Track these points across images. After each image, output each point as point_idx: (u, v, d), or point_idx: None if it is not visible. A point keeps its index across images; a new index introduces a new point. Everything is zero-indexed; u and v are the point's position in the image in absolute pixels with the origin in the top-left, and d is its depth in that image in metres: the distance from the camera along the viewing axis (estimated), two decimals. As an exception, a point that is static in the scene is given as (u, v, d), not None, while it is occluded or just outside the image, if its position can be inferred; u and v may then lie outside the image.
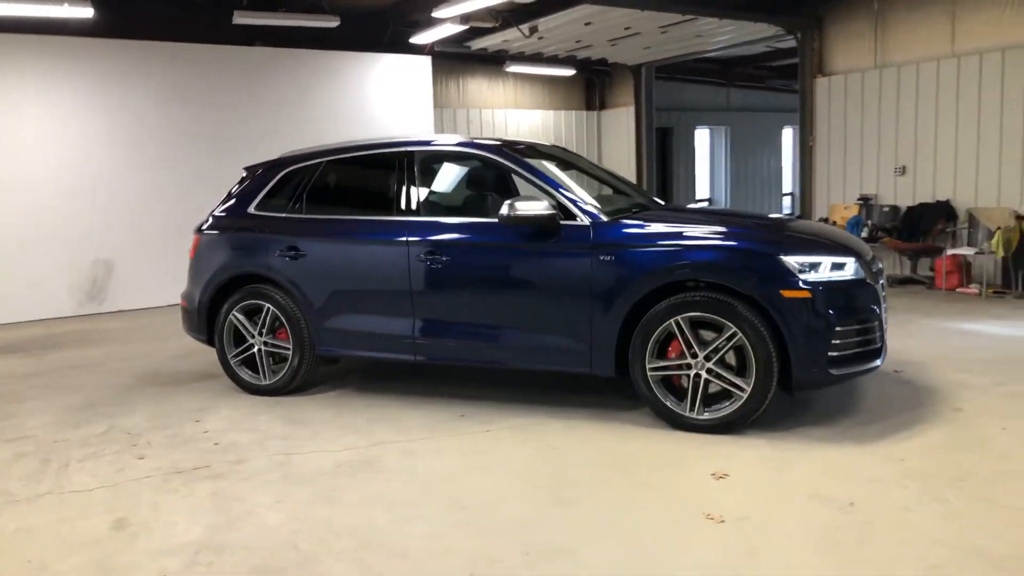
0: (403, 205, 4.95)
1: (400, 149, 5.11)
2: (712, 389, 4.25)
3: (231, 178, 10.88)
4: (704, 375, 4.19)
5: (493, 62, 12.69)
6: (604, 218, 4.46)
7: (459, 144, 5.21)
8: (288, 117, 10.34)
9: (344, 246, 5.08)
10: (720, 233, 4.30)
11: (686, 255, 4.22)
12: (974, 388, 4.86)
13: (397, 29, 10.80)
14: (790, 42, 11.22)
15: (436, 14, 8.79)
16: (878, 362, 4.28)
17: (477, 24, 9.77)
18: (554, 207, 4.45)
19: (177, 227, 9.56)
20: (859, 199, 10.09)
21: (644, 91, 13.28)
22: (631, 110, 13.51)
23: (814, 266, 4.10)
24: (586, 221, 4.46)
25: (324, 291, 5.09)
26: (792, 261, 4.07)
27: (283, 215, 5.31)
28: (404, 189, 4.98)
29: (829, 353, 4.03)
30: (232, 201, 5.60)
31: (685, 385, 4.30)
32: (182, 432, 4.67)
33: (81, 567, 3.05)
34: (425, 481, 3.77)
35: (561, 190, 4.58)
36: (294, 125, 10.35)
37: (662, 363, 4.29)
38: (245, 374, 5.43)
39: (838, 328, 4.03)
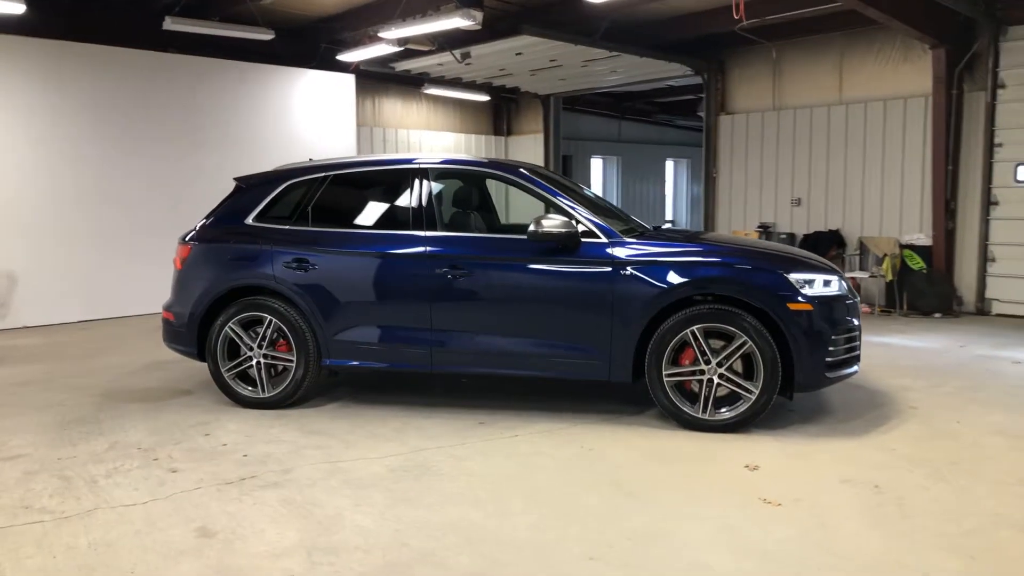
0: (420, 220, 5.12)
1: (416, 165, 5.28)
2: (719, 392, 4.71)
3: (143, 189, 10.64)
4: (716, 380, 4.66)
5: (410, 83, 12.88)
6: (620, 236, 4.86)
7: (480, 164, 5.46)
8: (212, 127, 10.06)
9: (358, 259, 5.16)
10: (729, 252, 4.81)
11: (705, 271, 4.68)
12: (917, 390, 5.64)
13: (324, 46, 10.80)
14: (686, 81, 12.21)
15: (384, 35, 8.92)
16: (858, 367, 4.92)
17: (415, 47, 9.98)
18: (574, 225, 4.80)
19: (85, 237, 9.09)
20: (759, 227, 11.12)
21: (553, 120, 13.93)
22: (540, 137, 14.10)
23: (809, 282, 4.67)
24: (604, 239, 4.84)
25: (335, 303, 5.15)
26: (794, 278, 4.63)
27: (288, 227, 5.32)
28: (421, 204, 5.15)
29: (826, 359, 4.61)
30: (225, 212, 5.53)
31: (695, 390, 4.74)
32: (199, 446, 4.57)
33: (199, 571, 3.03)
34: (494, 481, 3.96)
35: (579, 209, 4.94)
36: (220, 135, 10.09)
37: (677, 370, 4.71)
38: (241, 387, 5.36)
39: (833, 336, 4.62)
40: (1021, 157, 8.72)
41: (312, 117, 11.06)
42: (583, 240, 4.82)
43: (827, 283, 4.75)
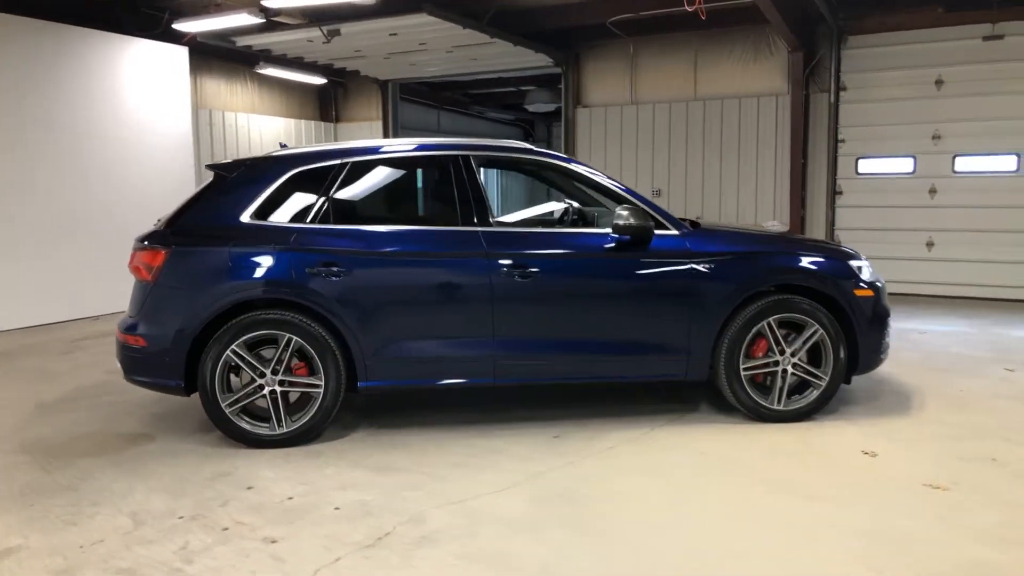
0: (471, 213, 4.51)
1: (453, 152, 4.63)
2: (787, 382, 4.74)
3: None
4: (790, 370, 4.68)
5: (237, 61, 11.45)
6: (689, 228, 4.69)
7: (526, 151, 4.90)
8: (23, 96, 8.11)
9: (403, 260, 4.43)
10: (793, 243, 4.84)
11: (781, 262, 4.67)
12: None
13: (150, 13, 9.20)
14: (541, 72, 12.26)
15: (266, 2, 7.78)
16: (888, 351, 5.21)
17: (284, 20, 8.86)
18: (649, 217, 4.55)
19: None
20: (621, 217, 11.48)
21: (392, 107, 13.21)
22: (376, 125, 13.31)
23: (861, 269, 4.86)
24: (675, 231, 4.63)
25: (375, 314, 4.37)
26: (854, 265, 4.79)
27: (308, 225, 4.40)
28: (468, 196, 4.54)
29: (883, 340, 4.83)
30: (209, 207, 4.45)
31: (764, 382, 4.74)
32: (261, 502, 3.64)
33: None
34: (666, 500, 3.61)
35: (646, 201, 4.67)
36: (33, 106, 8.18)
37: (754, 362, 4.66)
38: (249, 424, 4.36)
39: (886, 320, 4.85)
40: (861, 152, 9.92)
41: (140, 95, 9.36)
42: (655, 233, 4.58)
43: (871, 269, 4.97)
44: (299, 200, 4.51)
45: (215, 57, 11.27)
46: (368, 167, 4.62)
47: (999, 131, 9.13)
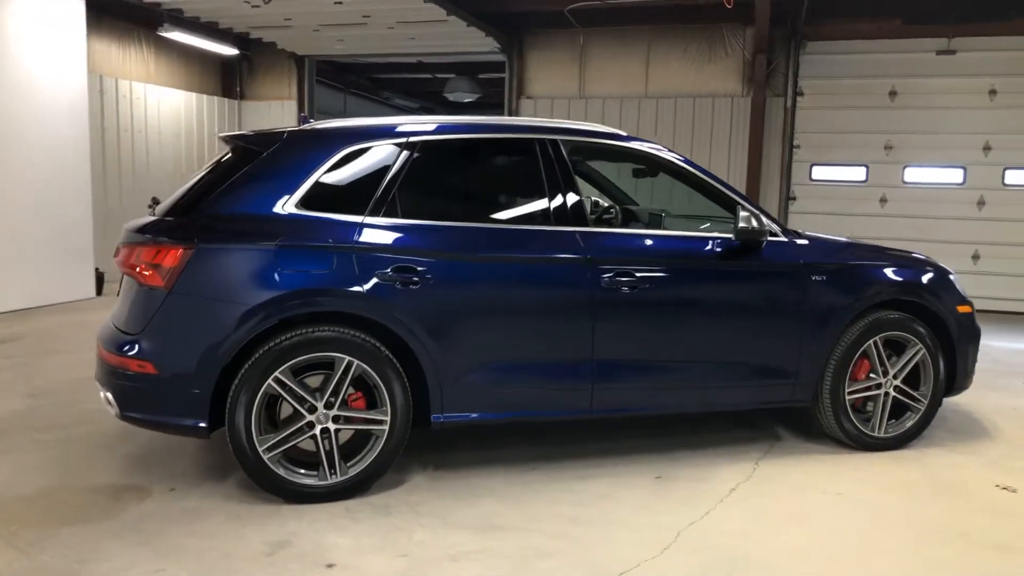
0: (565, 212, 3.74)
1: (540, 136, 3.83)
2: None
3: None
4: (892, 393, 4.26)
5: (134, 20, 9.88)
6: (795, 234, 4.16)
7: (616, 136, 4.12)
8: None
9: (492, 266, 3.59)
10: (895, 255, 4.42)
11: (894, 275, 4.23)
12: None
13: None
14: (485, 58, 11.48)
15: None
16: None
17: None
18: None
19: None
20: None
21: (308, 86, 11.95)
22: (289, 106, 11.99)
23: (957, 283, 4.50)
24: (784, 238, 4.09)
25: (459, 332, 3.52)
26: (953, 279, 4.44)
27: (371, 220, 3.47)
28: (561, 190, 3.76)
29: (975, 361, 4.51)
30: (240, 191, 3.42)
31: (861, 407, 4.29)
32: (362, 589, 2.73)
33: None
34: (848, 557, 3.02)
35: (750, 203, 4.09)
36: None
37: (857, 385, 4.20)
38: (291, 472, 3.38)
39: (979, 338, 4.54)
40: (816, 158, 9.89)
41: (27, 53, 7.74)
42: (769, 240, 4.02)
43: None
44: (355, 187, 3.57)
45: (108, 14, 9.65)
46: (441, 148, 3.73)
47: (947, 144, 9.35)
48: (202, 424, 3.27)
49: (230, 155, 3.69)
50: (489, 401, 3.63)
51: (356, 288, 3.36)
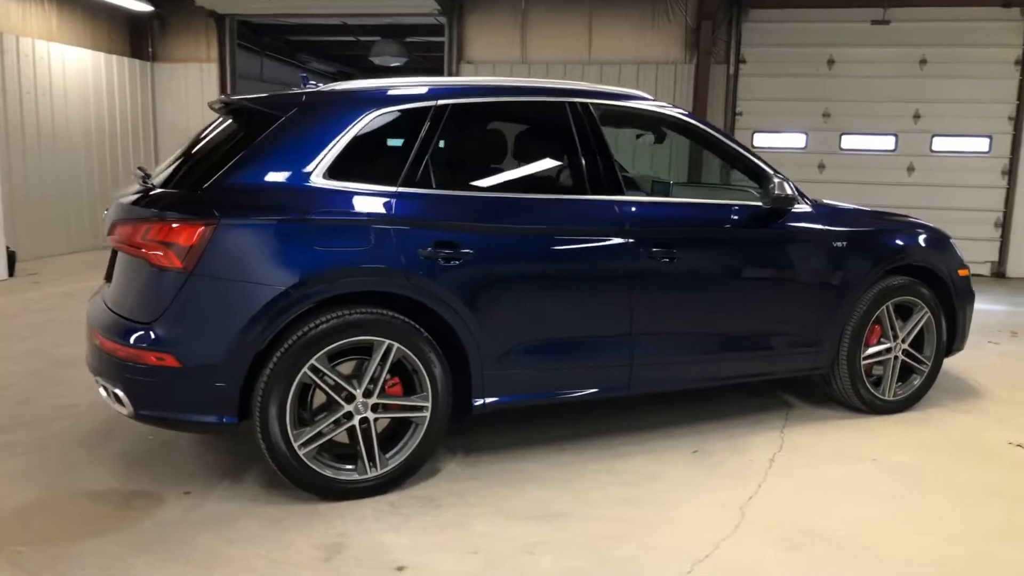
0: (600, 180, 3.55)
1: (570, 99, 3.61)
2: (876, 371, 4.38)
3: None
4: (901, 357, 4.33)
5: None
6: (815, 201, 4.13)
7: (643, 99, 3.95)
8: None
9: (533, 239, 3.37)
10: (905, 220, 4.46)
11: (906, 240, 4.27)
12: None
13: None
14: (420, 20, 11.04)
15: None
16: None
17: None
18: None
19: None
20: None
21: (229, 47, 11.16)
22: (209, 68, 11.18)
23: (955, 246, 4.59)
24: (808, 206, 4.05)
25: (502, 310, 3.31)
26: (953, 243, 4.53)
27: (406, 190, 3.18)
28: (595, 156, 3.57)
29: (969, 323, 4.64)
30: (261, 160, 3.05)
31: (872, 371, 4.34)
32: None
33: None
34: (916, 526, 3.02)
35: (771, 168, 4.02)
36: None
37: (871, 351, 4.24)
38: (330, 469, 3.10)
39: (974, 300, 4.65)
40: (758, 125, 10.03)
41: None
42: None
43: (954, 245, 4.73)
44: (385, 154, 3.28)
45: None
46: (472, 112, 3.46)
47: (881, 112, 9.66)
48: (234, 419, 2.94)
49: (231, 120, 3.31)
50: (531, 382, 3.44)
51: (397, 265, 3.08)
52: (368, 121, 3.21)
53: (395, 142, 3.27)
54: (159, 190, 3.10)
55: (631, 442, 3.83)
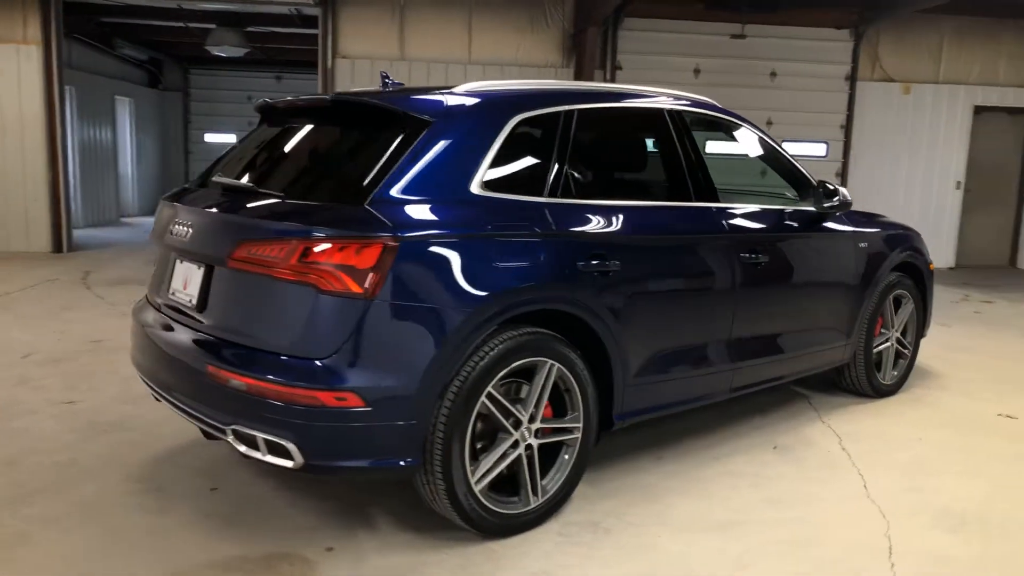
0: (701, 187, 3.61)
1: (667, 106, 3.61)
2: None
3: None
4: (896, 346, 4.81)
5: None
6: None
7: (713, 107, 4.03)
8: None
9: (670, 250, 3.36)
10: (893, 221, 4.91)
11: (906, 240, 4.72)
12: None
13: None
14: (302, 10, 10.30)
15: None
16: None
17: None
18: (817, 190, 4.23)
19: None
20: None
21: (56, 26, 9.67)
22: (29, 51, 9.60)
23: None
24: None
25: (642, 322, 3.24)
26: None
27: (556, 201, 3.00)
28: (695, 163, 3.61)
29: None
30: (423, 169, 2.73)
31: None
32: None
33: None
34: (1016, 498, 3.40)
35: (810, 174, 4.28)
36: None
37: (877, 341, 4.67)
38: (498, 503, 2.86)
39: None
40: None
41: None
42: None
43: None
44: (528, 162, 3.06)
45: None
46: (593, 118, 3.32)
47: (739, 119, 10.56)
48: (415, 462, 2.60)
49: (338, 121, 2.96)
50: (660, 395, 3.40)
51: (564, 280, 2.90)
52: (514, 127, 2.99)
53: (537, 151, 3.07)
54: (299, 202, 2.66)
55: (709, 445, 3.89)
